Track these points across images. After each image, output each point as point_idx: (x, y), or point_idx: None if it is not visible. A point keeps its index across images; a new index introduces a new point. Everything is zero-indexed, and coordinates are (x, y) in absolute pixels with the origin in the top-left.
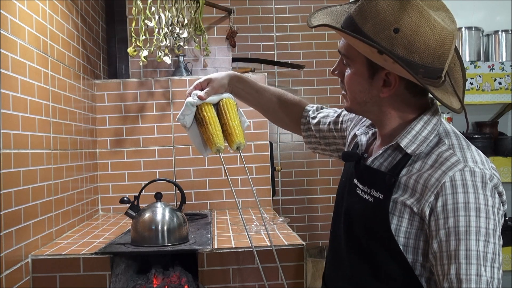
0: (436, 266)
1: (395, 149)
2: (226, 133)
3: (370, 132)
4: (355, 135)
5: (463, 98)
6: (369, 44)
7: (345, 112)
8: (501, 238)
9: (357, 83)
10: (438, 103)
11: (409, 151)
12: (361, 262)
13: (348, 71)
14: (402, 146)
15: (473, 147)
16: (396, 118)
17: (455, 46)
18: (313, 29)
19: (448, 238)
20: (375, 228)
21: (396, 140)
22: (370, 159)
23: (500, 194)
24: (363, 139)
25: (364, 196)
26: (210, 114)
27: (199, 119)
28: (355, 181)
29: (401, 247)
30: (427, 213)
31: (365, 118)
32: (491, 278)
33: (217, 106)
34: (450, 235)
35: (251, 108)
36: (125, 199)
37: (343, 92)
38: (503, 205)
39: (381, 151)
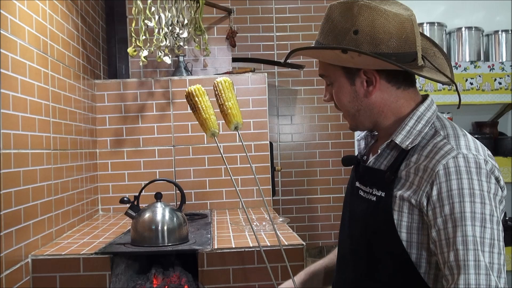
0: (438, 256)
1: (392, 147)
2: (223, 114)
3: (370, 136)
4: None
5: (452, 75)
6: (330, 48)
7: None
8: (501, 224)
9: (343, 95)
10: (432, 98)
11: (404, 146)
12: (363, 263)
13: (334, 92)
14: (397, 142)
15: (469, 136)
16: (390, 115)
17: (430, 37)
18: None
19: (445, 226)
20: (378, 226)
21: (391, 137)
22: (370, 160)
23: (497, 180)
24: (362, 143)
25: (366, 197)
26: (202, 99)
27: (191, 105)
28: (357, 183)
29: (404, 243)
30: (424, 203)
31: None
32: (490, 264)
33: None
34: (447, 223)
35: (251, 108)
36: (125, 199)
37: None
38: (501, 191)
39: (379, 151)
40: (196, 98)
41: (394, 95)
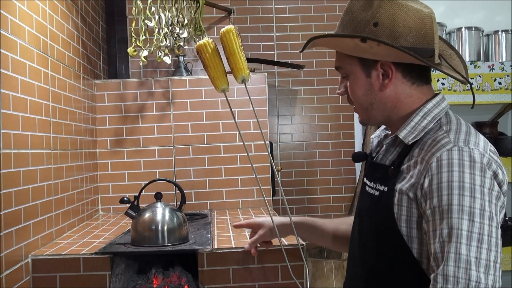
0: (428, 246)
1: (398, 142)
2: (230, 68)
3: (383, 135)
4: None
5: (467, 76)
6: (350, 36)
7: None
8: (495, 220)
9: (358, 88)
10: (443, 95)
11: (406, 141)
12: (370, 259)
13: (348, 84)
14: (401, 137)
15: (473, 131)
16: (402, 111)
17: (446, 40)
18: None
19: (433, 218)
20: (381, 221)
21: (396, 133)
22: (377, 156)
23: (495, 174)
24: (375, 141)
25: (371, 192)
26: (209, 55)
27: (201, 61)
28: (365, 179)
29: (404, 237)
30: (419, 195)
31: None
32: (476, 259)
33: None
34: (435, 215)
35: (250, 108)
36: (125, 199)
37: (354, 106)
38: (500, 187)
39: (384, 146)
40: (204, 55)
41: (408, 91)
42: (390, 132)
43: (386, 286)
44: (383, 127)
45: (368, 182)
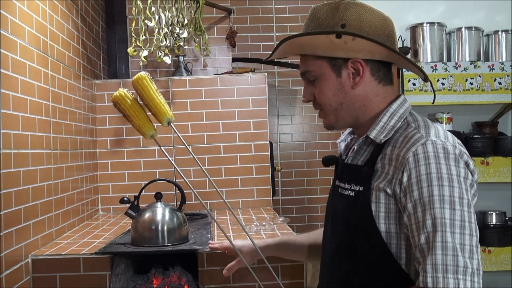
0: (411, 239)
1: (369, 143)
2: (152, 113)
3: (349, 138)
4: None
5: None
6: (326, 32)
7: None
8: (472, 206)
9: (328, 89)
10: (404, 97)
11: (378, 140)
12: (348, 260)
13: (317, 87)
14: (372, 137)
15: (439, 126)
16: (370, 111)
17: (401, 53)
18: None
19: (415, 211)
20: (358, 221)
21: (367, 133)
22: (348, 157)
23: (466, 164)
24: (342, 145)
25: (345, 193)
26: (128, 106)
27: (121, 113)
28: (337, 182)
29: (383, 234)
30: (398, 191)
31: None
32: (461, 245)
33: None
34: (416, 207)
35: (251, 108)
36: (125, 199)
37: (319, 111)
38: (472, 175)
39: (355, 147)
40: (122, 106)
41: (375, 90)
42: (356, 135)
43: (365, 286)
44: (348, 131)
45: (341, 184)
